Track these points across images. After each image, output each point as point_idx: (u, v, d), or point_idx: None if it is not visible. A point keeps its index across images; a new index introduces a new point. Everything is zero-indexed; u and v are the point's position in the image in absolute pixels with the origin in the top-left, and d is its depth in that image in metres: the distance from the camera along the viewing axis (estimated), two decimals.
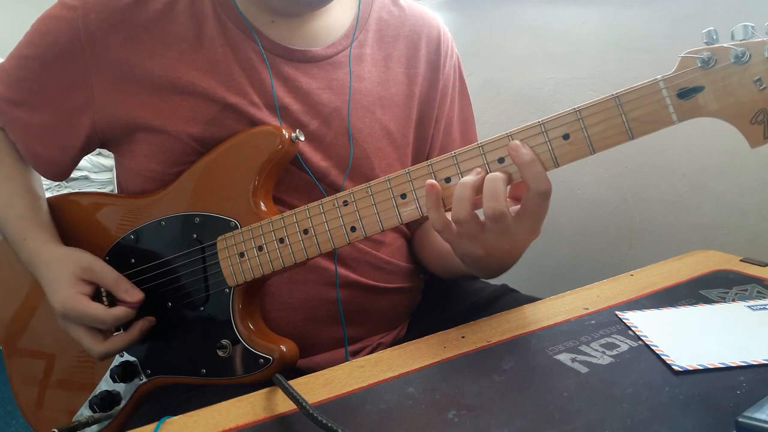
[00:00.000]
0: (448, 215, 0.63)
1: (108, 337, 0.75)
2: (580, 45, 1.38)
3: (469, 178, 0.61)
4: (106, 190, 2.16)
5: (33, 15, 0.80)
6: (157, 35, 0.74)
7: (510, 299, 0.86)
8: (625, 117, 0.59)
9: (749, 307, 0.67)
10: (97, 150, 0.85)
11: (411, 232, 0.91)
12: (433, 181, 0.63)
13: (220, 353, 0.72)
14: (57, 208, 0.83)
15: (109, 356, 0.75)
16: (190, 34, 0.75)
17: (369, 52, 0.84)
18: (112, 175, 2.15)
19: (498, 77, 1.58)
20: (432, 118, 0.88)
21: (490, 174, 0.61)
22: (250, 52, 0.76)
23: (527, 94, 1.51)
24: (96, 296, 0.76)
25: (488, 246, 0.63)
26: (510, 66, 1.56)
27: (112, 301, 0.75)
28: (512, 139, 0.61)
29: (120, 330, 0.76)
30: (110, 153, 0.84)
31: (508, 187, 0.62)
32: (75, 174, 2.13)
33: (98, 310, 0.73)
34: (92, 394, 0.79)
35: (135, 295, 0.74)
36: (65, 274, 0.74)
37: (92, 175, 2.16)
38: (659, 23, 1.22)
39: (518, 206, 0.62)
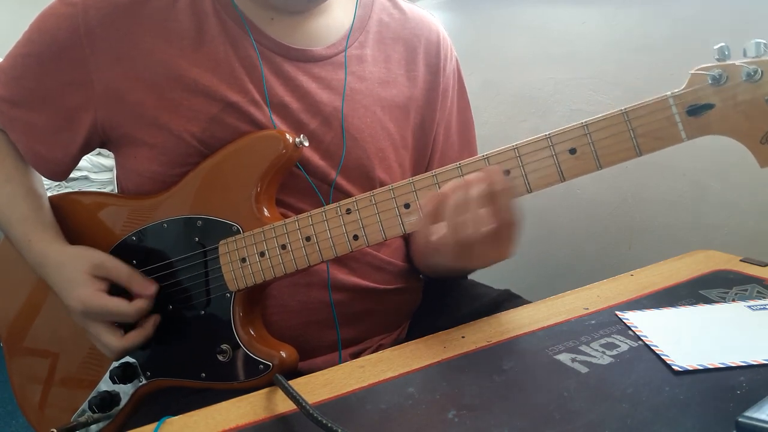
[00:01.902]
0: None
1: (125, 334, 0.75)
2: (580, 45, 1.37)
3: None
4: (106, 190, 2.16)
5: (33, 15, 0.79)
6: (158, 32, 0.74)
7: (513, 305, 0.86)
8: (633, 133, 0.58)
9: (749, 307, 0.67)
10: (97, 150, 0.85)
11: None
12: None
13: (220, 358, 0.72)
14: (59, 207, 0.83)
15: (126, 353, 0.76)
16: (192, 31, 0.75)
17: (370, 53, 0.83)
18: (112, 175, 2.15)
19: (498, 77, 1.58)
20: (434, 121, 0.88)
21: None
22: (250, 49, 0.76)
23: (527, 94, 1.51)
24: None
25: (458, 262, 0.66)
26: (510, 66, 1.56)
27: (117, 295, 0.75)
28: (518, 152, 0.61)
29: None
30: (110, 153, 0.84)
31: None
32: (75, 174, 2.12)
33: (122, 304, 0.73)
34: (92, 395, 0.79)
35: (149, 288, 0.74)
36: (79, 273, 0.74)
37: (92, 175, 2.16)
38: (659, 23, 1.22)
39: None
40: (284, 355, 0.70)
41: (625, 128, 0.58)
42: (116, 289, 0.75)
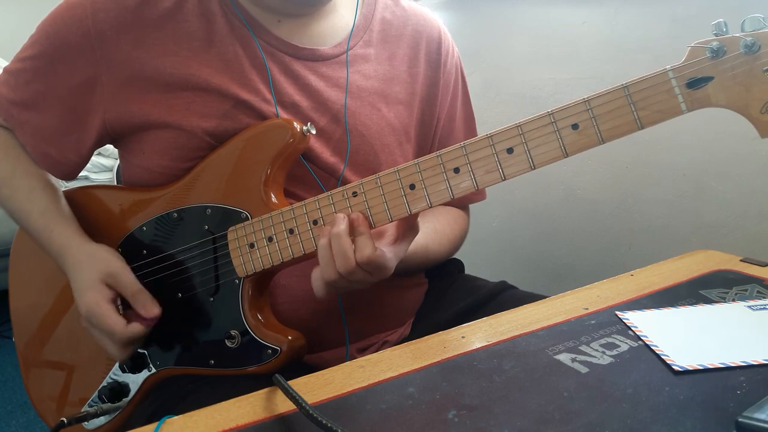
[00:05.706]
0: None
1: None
2: (580, 45, 1.38)
3: (342, 229, 0.64)
4: None
5: (33, 15, 0.79)
6: (168, 34, 0.75)
7: (509, 295, 0.88)
8: (634, 107, 0.59)
9: (749, 307, 0.67)
10: (97, 150, 0.85)
11: None
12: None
13: (229, 344, 0.72)
14: (71, 200, 0.84)
15: (125, 359, 0.77)
16: (201, 32, 0.76)
17: (374, 51, 0.85)
18: (112, 175, 2.15)
19: (498, 77, 1.58)
20: (434, 116, 0.90)
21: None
22: (259, 50, 0.77)
23: (527, 94, 1.51)
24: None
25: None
26: (510, 66, 1.56)
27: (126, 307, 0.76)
28: (521, 130, 0.61)
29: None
30: (110, 154, 0.84)
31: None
32: None
33: (116, 325, 0.73)
34: (101, 385, 0.80)
35: (150, 310, 0.74)
36: (92, 276, 0.75)
37: (92, 176, 2.16)
38: (659, 23, 1.22)
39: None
40: (292, 340, 0.71)
41: (626, 102, 0.59)
42: (124, 304, 0.76)
